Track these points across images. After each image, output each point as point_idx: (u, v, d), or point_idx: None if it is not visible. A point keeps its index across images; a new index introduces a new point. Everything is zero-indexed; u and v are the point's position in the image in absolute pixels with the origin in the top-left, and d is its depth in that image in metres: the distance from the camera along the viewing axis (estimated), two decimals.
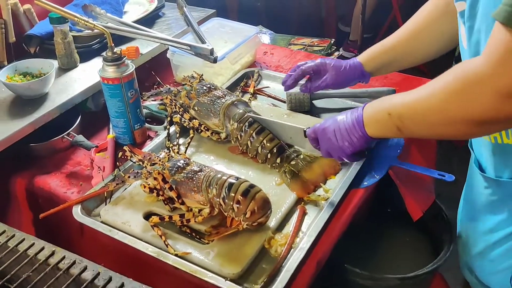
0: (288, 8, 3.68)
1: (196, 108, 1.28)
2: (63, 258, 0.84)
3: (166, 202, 1.04)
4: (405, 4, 3.15)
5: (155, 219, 0.99)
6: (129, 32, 1.47)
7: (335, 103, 1.42)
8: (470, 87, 0.77)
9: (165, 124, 1.35)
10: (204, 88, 1.30)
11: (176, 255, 0.95)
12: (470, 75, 0.77)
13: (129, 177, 1.08)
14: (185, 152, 1.23)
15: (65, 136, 1.29)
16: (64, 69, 1.45)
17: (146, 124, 1.34)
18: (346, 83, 1.28)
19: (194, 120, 1.28)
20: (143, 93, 1.33)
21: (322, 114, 1.39)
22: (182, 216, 1.00)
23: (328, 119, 1.06)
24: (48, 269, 0.82)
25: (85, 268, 0.82)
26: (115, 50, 1.19)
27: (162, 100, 1.36)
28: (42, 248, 0.87)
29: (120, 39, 1.50)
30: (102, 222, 1.05)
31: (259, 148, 1.18)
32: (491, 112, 0.76)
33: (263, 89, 1.51)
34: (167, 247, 0.96)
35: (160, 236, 0.98)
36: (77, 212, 1.06)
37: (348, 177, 1.12)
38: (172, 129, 1.31)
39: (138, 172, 1.08)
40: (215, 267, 0.92)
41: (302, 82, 1.33)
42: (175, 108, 1.29)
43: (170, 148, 1.21)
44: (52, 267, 0.82)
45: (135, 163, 1.15)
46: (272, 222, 1.01)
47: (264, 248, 0.97)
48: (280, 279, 0.89)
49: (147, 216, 1.04)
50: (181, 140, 1.29)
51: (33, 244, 0.87)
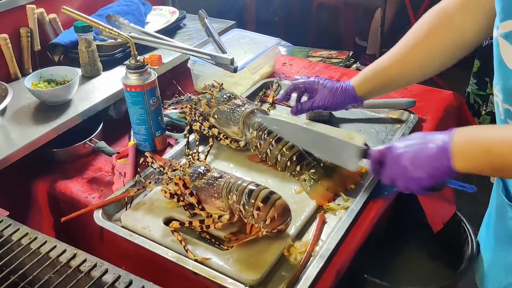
0: (305, 22, 3.72)
1: (216, 116, 1.29)
2: (84, 261, 0.85)
3: (186, 208, 1.04)
4: None
5: (175, 224, 1.00)
6: (151, 42, 1.50)
7: (354, 113, 1.42)
8: None
9: (185, 132, 1.37)
10: (224, 96, 1.31)
11: (195, 260, 0.95)
12: None
13: (150, 182, 1.09)
14: (204, 159, 1.23)
15: (87, 142, 1.31)
16: (87, 77, 1.48)
17: (167, 131, 1.35)
18: (338, 106, 1.23)
19: (214, 128, 1.29)
20: (164, 101, 1.35)
21: (342, 124, 1.39)
22: (202, 222, 1.01)
23: (398, 142, 0.92)
24: (69, 271, 0.82)
25: (106, 271, 0.82)
26: (138, 58, 1.21)
27: (182, 108, 1.37)
28: (64, 251, 0.87)
29: (142, 49, 1.52)
30: (122, 227, 1.06)
31: (279, 156, 1.18)
32: None
33: None
34: (187, 252, 0.96)
35: (180, 241, 0.98)
36: (98, 217, 1.08)
37: (368, 187, 1.11)
38: (192, 137, 1.32)
39: (159, 177, 1.09)
40: (234, 273, 0.92)
41: (304, 98, 1.32)
42: (195, 116, 1.31)
43: (190, 156, 1.22)
44: (73, 269, 0.83)
45: (155, 169, 1.16)
46: (292, 230, 1.01)
47: (283, 256, 0.97)
48: (299, 287, 0.88)
49: (167, 222, 1.04)
50: (200, 148, 1.30)
51: (55, 246, 0.88)
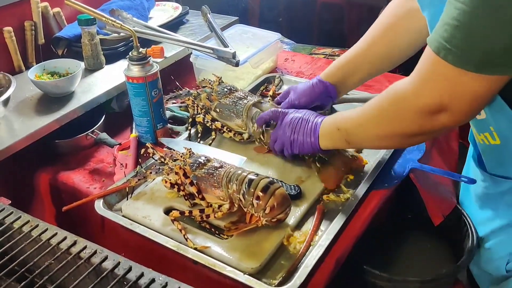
0: (308, 21, 3.71)
1: (217, 110, 1.29)
2: (85, 247, 0.85)
3: (186, 198, 1.05)
4: None
5: (175, 213, 1.00)
6: (154, 36, 1.50)
7: (355, 108, 1.41)
8: (397, 106, 0.87)
9: (186, 124, 1.37)
10: (225, 90, 1.31)
11: (195, 249, 0.95)
12: (398, 94, 0.87)
13: (151, 172, 1.10)
14: None
15: (89, 133, 1.32)
16: (90, 70, 1.49)
17: (168, 124, 1.36)
18: (312, 99, 1.25)
19: (217, 121, 1.29)
20: (163, 96, 1.35)
21: None
22: (202, 211, 1.01)
23: (289, 111, 1.15)
24: (69, 258, 0.83)
25: (105, 258, 0.82)
26: (140, 50, 1.22)
27: (183, 102, 1.38)
28: (64, 238, 0.88)
29: (145, 43, 1.53)
30: (123, 216, 1.06)
31: None
32: (415, 127, 0.86)
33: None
34: (187, 241, 0.97)
35: (180, 230, 0.98)
36: (99, 206, 1.08)
37: (368, 178, 1.12)
38: (193, 130, 1.32)
39: (159, 168, 1.10)
40: (233, 261, 0.92)
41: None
42: (197, 109, 1.31)
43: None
44: (73, 256, 0.83)
45: (157, 160, 1.17)
46: (291, 220, 1.01)
47: (283, 245, 0.97)
48: (298, 275, 0.89)
49: (168, 211, 1.05)
50: (202, 142, 1.30)
51: (55, 234, 0.89)
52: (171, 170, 1.06)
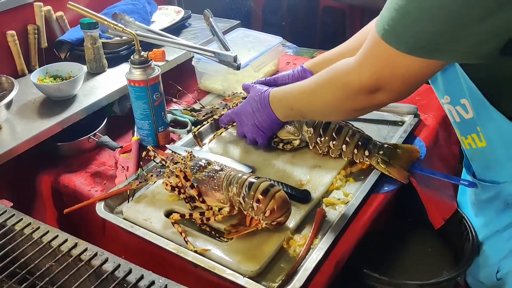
0: (310, 26, 3.72)
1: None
2: (85, 250, 0.85)
3: (187, 201, 1.05)
4: None
5: (175, 216, 1.01)
6: (156, 39, 1.51)
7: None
8: (342, 83, 0.93)
9: (188, 128, 1.38)
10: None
11: (195, 252, 0.95)
12: (343, 72, 0.93)
13: (151, 175, 1.10)
14: None
15: (91, 136, 1.33)
16: (92, 73, 1.50)
17: (170, 127, 1.36)
18: (291, 82, 1.29)
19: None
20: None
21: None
22: (202, 214, 1.01)
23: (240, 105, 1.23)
24: (70, 260, 0.83)
25: (106, 260, 0.83)
26: (142, 54, 1.23)
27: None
28: (65, 240, 0.88)
29: (147, 47, 1.54)
30: (124, 219, 1.07)
31: (344, 146, 1.17)
32: (357, 104, 0.94)
33: None
34: (187, 243, 0.97)
35: (180, 233, 0.99)
36: (100, 209, 1.09)
37: (368, 181, 1.12)
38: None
39: (160, 171, 1.10)
40: (233, 264, 0.93)
41: None
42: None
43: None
44: (74, 258, 0.84)
45: (158, 163, 1.17)
46: (292, 223, 1.01)
47: (282, 248, 0.98)
48: (298, 278, 0.89)
49: (168, 214, 1.05)
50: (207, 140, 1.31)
51: (56, 236, 0.89)
52: (172, 173, 1.07)
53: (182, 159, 1.09)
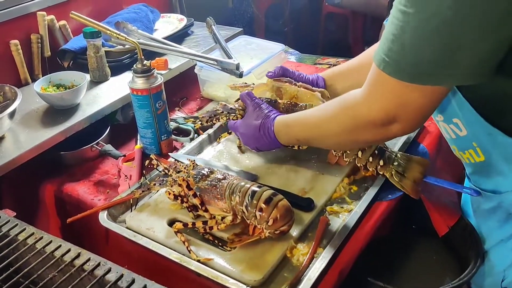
0: (314, 32, 3.73)
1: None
2: (88, 260, 0.85)
3: (190, 209, 1.05)
4: None
5: (178, 225, 1.01)
6: (159, 48, 1.52)
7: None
8: (352, 117, 0.91)
9: (191, 136, 1.38)
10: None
11: (198, 261, 0.95)
12: (352, 106, 0.91)
13: (154, 184, 1.10)
14: None
15: (94, 145, 1.33)
16: (95, 82, 1.51)
17: (173, 135, 1.37)
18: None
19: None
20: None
21: None
22: (205, 223, 1.01)
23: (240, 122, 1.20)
24: (72, 270, 0.83)
25: (109, 270, 0.83)
26: (144, 62, 1.23)
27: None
28: (68, 250, 0.88)
29: (150, 55, 1.55)
30: (127, 228, 1.07)
31: (359, 153, 1.16)
32: (370, 136, 0.92)
33: None
34: (190, 253, 0.97)
35: (183, 242, 0.98)
36: (103, 218, 1.09)
37: (372, 189, 1.11)
38: (200, 138, 1.33)
39: (163, 179, 1.10)
40: (236, 273, 0.92)
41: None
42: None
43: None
44: (77, 268, 0.83)
45: (161, 172, 1.17)
46: (295, 232, 1.01)
47: (286, 257, 0.97)
48: None
49: (171, 223, 1.05)
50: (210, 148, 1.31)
51: (59, 246, 0.89)
52: (174, 181, 1.06)
53: (185, 168, 1.09)
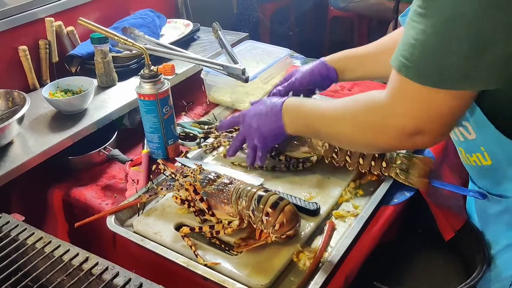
0: (319, 36, 3.74)
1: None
2: (96, 264, 0.86)
3: (196, 214, 1.06)
4: None
5: (185, 229, 1.01)
6: (165, 53, 1.53)
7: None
8: (376, 119, 0.87)
9: (197, 140, 1.39)
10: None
11: (205, 265, 0.96)
12: (376, 108, 0.87)
13: (161, 189, 1.11)
14: None
15: (101, 150, 1.34)
16: (103, 87, 1.52)
17: (179, 140, 1.37)
18: (314, 81, 1.27)
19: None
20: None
21: None
22: (212, 227, 1.02)
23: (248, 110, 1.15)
24: (81, 274, 0.84)
25: (117, 274, 0.83)
26: (151, 68, 1.24)
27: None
28: (77, 254, 0.89)
29: (157, 60, 1.56)
30: (134, 232, 1.07)
31: (360, 159, 1.17)
32: (394, 143, 0.89)
33: None
34: (197, 257, 0.98)
35: (190, 246, 0.99)
36: (110, 222, 1.09)
37: (378, 193, 1.12)
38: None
39: (170, 184, 1.11)
40: (243, 278, 0.93)
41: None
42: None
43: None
44: (85, 272, 0.84)
45: (168, 176, 1.18)
46: (301, 236, 1.01)
47: (292, 261, 0.98)
48: None
49: (178, 227, 1.06)
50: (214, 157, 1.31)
51: (68, 250, 0.90)
52: (181, 186, 1.07)
53: (192, 172, 1.10)
